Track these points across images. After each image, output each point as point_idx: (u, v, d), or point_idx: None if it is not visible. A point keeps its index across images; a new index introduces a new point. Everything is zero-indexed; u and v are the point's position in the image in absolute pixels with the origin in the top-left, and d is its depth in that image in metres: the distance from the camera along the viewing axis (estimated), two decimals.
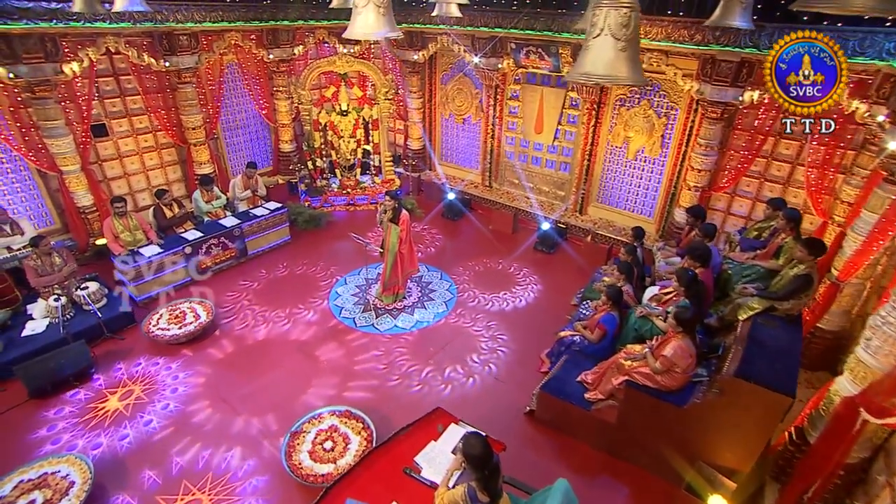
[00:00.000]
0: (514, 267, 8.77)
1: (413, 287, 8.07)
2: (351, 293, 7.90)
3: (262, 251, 8.87)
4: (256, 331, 6.97)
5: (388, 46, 10.98)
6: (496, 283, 8.30)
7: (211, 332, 6.89)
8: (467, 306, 7.66)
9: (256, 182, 9.43)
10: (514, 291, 8.09)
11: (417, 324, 7.24)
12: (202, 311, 6.96)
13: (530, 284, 8.33)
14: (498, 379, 6.27)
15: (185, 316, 6.84)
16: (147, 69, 8.60)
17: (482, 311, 7.57)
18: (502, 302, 7.81)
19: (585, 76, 2.65)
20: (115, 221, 7.52)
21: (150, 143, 9.27)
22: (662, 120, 8.41)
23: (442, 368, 6.39)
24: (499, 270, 8.66)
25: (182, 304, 7.09)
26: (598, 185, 9.69)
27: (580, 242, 9.43)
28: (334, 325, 7.16)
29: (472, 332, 7.10)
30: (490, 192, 11.10)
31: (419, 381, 6.18)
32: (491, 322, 7.31)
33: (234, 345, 6.69)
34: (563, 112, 9.63)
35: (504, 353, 6.71)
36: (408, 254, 7.43)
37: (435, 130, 11.84)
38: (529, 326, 7.24)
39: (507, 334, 7.06)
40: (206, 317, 6.87)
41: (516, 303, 7.80)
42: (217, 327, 6.99)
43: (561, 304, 7.74)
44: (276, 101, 10.77)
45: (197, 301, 7.16)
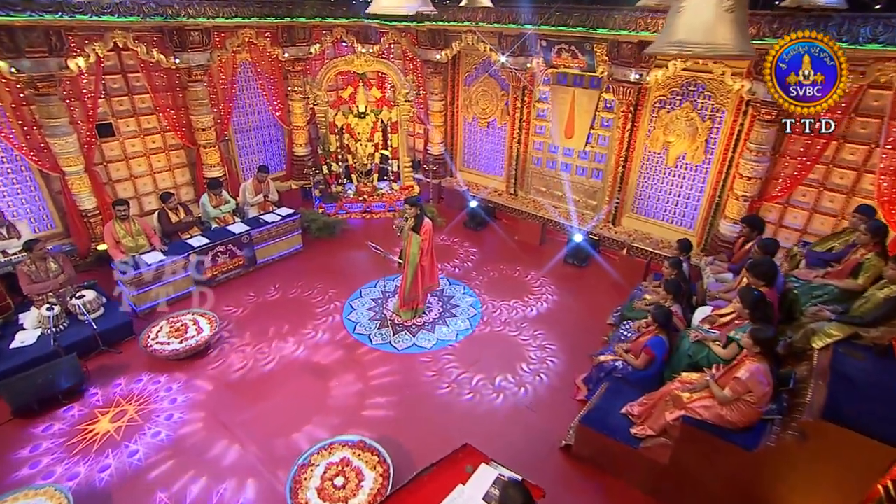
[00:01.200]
0: (542, 281, 8.23)
1: (434, 302, 7.57)
2: (366, 307, 7.43)
3: (272, 260, 8.46)
4: (263, 347, 6.52)
5: (408, 45, 10.60)
6: (524, 298, 7.76)
7: (214, 346, 6.46)
8: (492, 323, 7.14)
9: (268, 187, 9.06)
10: (544, 308, 7.55)
11: (438, 342, 6.73)
12: (205, 324, 6.53)
13: (561, 301, 7.79)
14: (529, 407, 5.72)
15: (187, 329, 6.42)
16: (156, 66, 8.29)
17: (509, 329, 7.03)
18: (531, 319, 7.27)
19: (679, 46, 2.17)
20: (116, 225, 7.16)
21: (158, 144, 8.96)
22: (707, 123, 7.85)
23: (464, 392, 5.86)
24: (526, 285, 8.13)
25: (184, 315, 6.68)
26: (633, 193, 9.14)
27: (615, 256, 8.86)
28: (348, 341, 6.69)
29: (498, 351, 6.57)
30: (515, 200, 10.60)
31: (440, 406, 5.66)
32: (519, 342, 6.77)
33: (238, 362, 6.24)
34: (597, 115, 9.12)
35: (534, 378, 6.16)
36: (429, 267, 6.95)
37: (457, 135, 11.40)
38: (562, 347, 6.68)
39: (538, 353, 6.51)
40: (210, 330, 6.44)
41: (547, 321, 7.25)
42: (221, 342, 6.56)
43: (595, 324, 7.18)
44: (291, 103, 10.42)
45: (200, 313, 6.74)
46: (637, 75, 7.84)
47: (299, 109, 10.50)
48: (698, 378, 4.52)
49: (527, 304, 7.63)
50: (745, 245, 6.24)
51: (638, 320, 6.16)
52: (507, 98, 10.18)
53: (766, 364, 3.95)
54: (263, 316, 7.14)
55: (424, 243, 6.67)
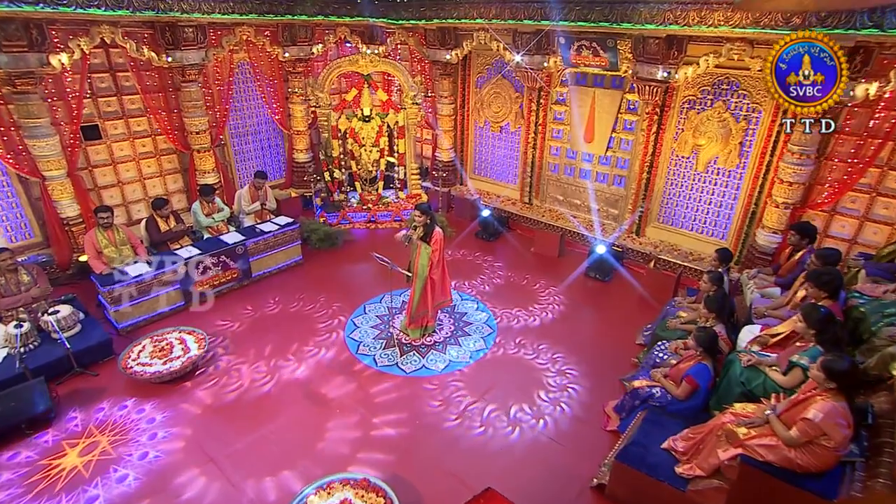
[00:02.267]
0: (563, 297, 7.69)
1: (444, 319, 7.04)
2: (371, 325, 6.91)
3: (269, 272, 7.97)
4: (257, 369, 6.00)
5: (416, 45, 10.19)
6: (543, 315, 7.22)
7: (203, 368, 5.95)
8: (509, 343, 6.60)
9: (266, 194, 8.60)
10: (566, 326, 7.00)
11: (450, 364, 6.18)
12: (193, 344, 6.02)
13: (584, 318, 7.24)
14: (553, 439, 5.16)
15: (172, 348, 5.91)
16: (147, 65, 7.90)
17: (525, 351, 6.48)
18: (552, 339, 6.72)
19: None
20: (98, 234, 6.70)
21: (149, 148, 8.53)
22: (741, 124, 7.34)
23: (479, 421, 5.30)
24: (545, 301, 7.59)
25: (170, 333, 6.17)
26: (659, 202, 8.62)
27: (641, 269, 8.32)
28: (350, 363, 6.16)
29: (516, 374, 6.02)
30: (530, 209, 10.09)
31: (451, 439, 5.10)
32: (539, 363, 6.22)
33: (229, 386, 5.72)
34: (619, 117, 8.63)
35: (556, 406, 5.60)
36: (440, 280, 6.43)
37: (468, 140, 10.94)
38: (586, 371, 6.13)
39: (559, 380, 5.96)
40: (198, 350, 5.93)
41: (569, 340, 6.70)
42: (210, 363, 6.05)
43: (622, 344, 6.63)
44: (291, 106, 10.01)
45: (187, 331, 6.23)
46: (665, 73, 7.37)
47: (300, 113, 10.09)
48: (755, 411, 3.96)
49: (546, 321, 7.08)
50: (795, 255, 5.69)
51: (674, 341, 5.61)
52: (522, 100, 9.73)
53: (843, 402, 3.38)
54: (258, 333, 6.64)
55: (435, 254, 6.16)
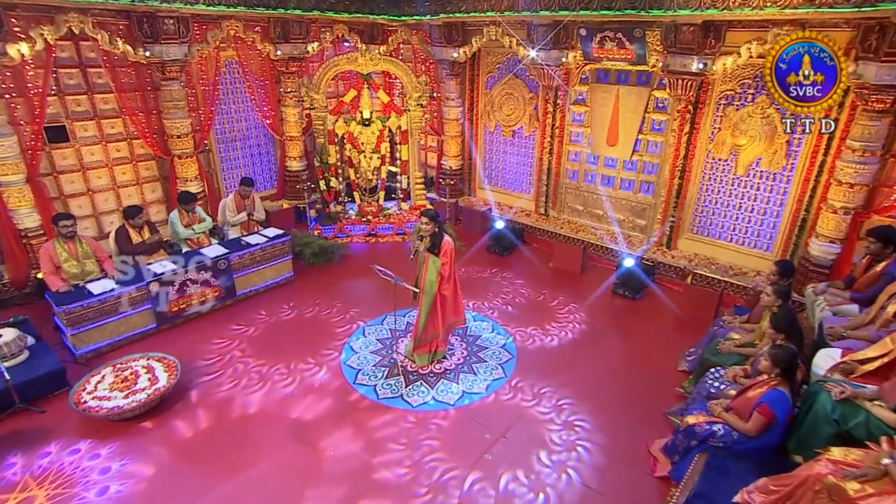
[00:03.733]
0: (589, 318, 6.94)
1: (455, 343, 6.30)
2: (371, 350, 6.16)
3: (255, 291, 7.25)
4: (237, 402, 5.24)
5: (420, 43, 9.62)
6: (569, 337, 6.47)
7: (173, 402, 5.19)
8: (530, 371, 5.84)
9: (253, 203, 7.91)
10: (595, 351, 6.25)
11: (464, 396, 5.42)
12: (162, 373, 5.27)
13: (613, 341, 6.49)
14: (590, 486, 4.38)
15: (138, 378, 5.15)
16: (122, 60, 7.29)
17: (551, 379, 5.72)
18: (579, 366, 5.96)
19: None
20: (57, 246, 5.99)
21: (124, 153, 7.87)
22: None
23: (496, 475, 4.48)
24: (569, 321, 6.84)
25: (136, 361, 5.42)
26: (692, 210, 7.93)
27: (676, 286, 7.59)
28: (346, 393, 5.40)
29: (537, 412, 5.22)
30: (546, 221, 9.40)
31: (461, 497, 4.29)
32: (564, 398, 5.44)
33: (204, 422, 4.96)
34: (646, 117, 7.99)
35: (589, 445, 4.82)
36: (451, 297, 5.70)
37: (477, 146, 10.30)
38: (623, 404, 5.36)
39: (591, 416, 5.18)
40: (168, 380, 5.18)
41: (600, 367, 5.95)
42: (182, 395, 5.29)
43: (663, 371, 5.87)
44: (284, 109, 9.39)
45: (157, 357, 5.49)
46: (700, 65, 6.75)
47: (293, 117, 9.47)
48: (864, 459, 3.19)
49: (571, 344, 6.32)
50: (876, 266, 4.97)
51: (730, 367, 4.87)
52: (537, 101, 9.11)
53: None
54: (241, 359, 5.88)
55: (445, 267, 5.44)
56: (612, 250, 8.43)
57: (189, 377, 5.52)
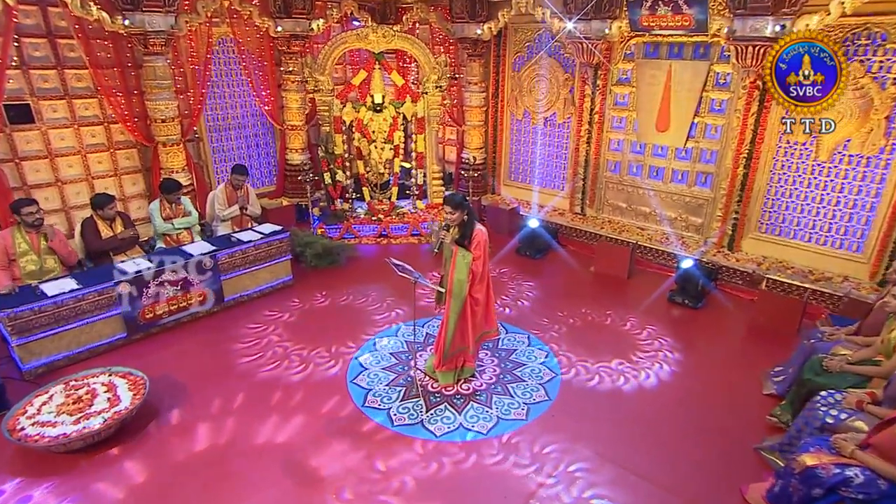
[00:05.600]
0: (645, 329, 6.02)
1: (485, 358, 5.40)
2: (383, 365, 5.28)
3: (247, 296, 6.42)
4: (219, 427, 4.38)
5: (439, 21, 8.86)
6: (627, 356, 5.54)
7: (137, 428, 4.34)
8: (578, 394, 4.92)
9: (247, 195, 7.11)
10: (653, 368, 5.31)
11: (499, 424, 4.51)
12: (125, 392, 4.42)
13: (674, 357, 5.55)
14: None
15: (94, 398, 4.31)
16: (98, 30, 6.58)
17: (603, 403, 4.81)
18: (635, 386, 5.03)
19: None
20: (17, 235, 5.20)
21: (100, 139, 7.14)
22: (890, 91, 5.79)
23: None
24: (626, 336, 5.91)
25: (95, 378, 4.57)
26: (759, 204, 7.02)
27: (744, 294, 6.68)
28: (353, 420, 4.52)
29: (598, 443, 4.32)
30: (584, 221, 8.52)
31: None
32: (623, 424, 4.53)
33: (176, 453, 4.10)
34: (704, 96, 7.12)
35: (660, 483, 3.89)
36: (484, 301, 4.82)
37: (501, 137, 9.49)
38: (696, 431, 4.44)
39: (660, 447, 4.25)
40: (132, 401, 4.32)
41: (663, 387, 5.02)
42: (150, 420, 4.44)
43: (742, 394, 4.94)
44: (285, 94, 8.65)
45: (121, 372, 4.65)
46: (777, 27, 5.90)
47: (296, 103, 8.72)
48: None
49: (633, 365, 5.39)
50: None
51: (849, 391, 3.93)
52: (573, 83, 8.29)
53: None
54: (228, 375, 5.03)
55: (477, 263, 4.56)
56: (665, 253, 7.52)
57: (160, 397, 4.67)
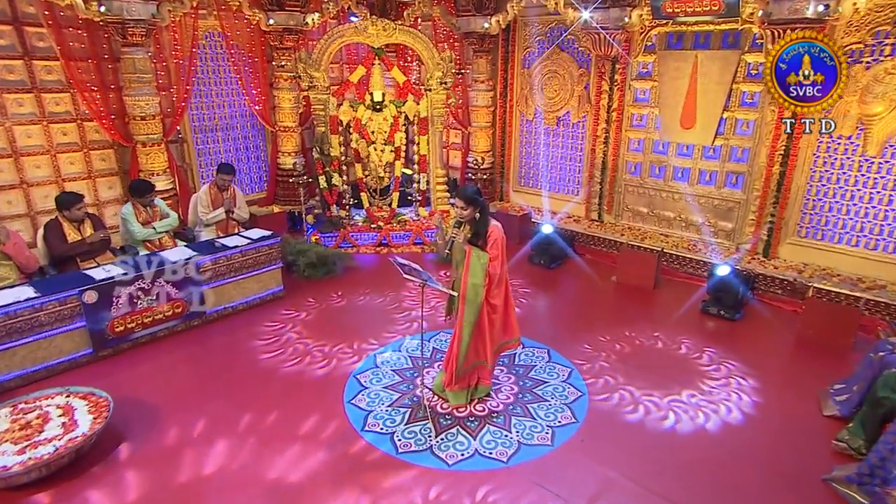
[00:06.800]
0: (682, 345, 5.48)
1: (500, 375, 4.88)
2: (385, 383, 4.75)
3: (232, 308, 5.91)
4: (195, 455, 3.84)
5: (443, 15, 8.49)
6: (656, 372, 5.00)
7: (98, 456, 3.79)
8: (608, 416, 4.39)
9: (234, 197, 6.64)
10: (699, 390, 4.78)
11: (521, 450, 3.97)
12: (85, 415, 3.88)
13: (719, 372, 5.02)
14: None
15: (46, 424, 3.77)
16: (72, 18, 6.18)
17: (638, 428, 4.27)
18: (672, 411, 4.49)
19: None
20: None
21: (72, 138, 6.70)
22: None
23: None
24: (654, 350, 5.39)
25: (50, 399, 4.04)
26: (799, 206, 6.56)
27: (788, 305, 6.19)
28: (350, 445, 3.98)
29: (637, 472, 3.78)
30: (601, 227, 8.04)
31: None
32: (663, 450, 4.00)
33: (140, 488, 3.55)
34: (734, 89, 6.71)
35: None
36: (502, 308, 4.31)
37: (511, 138, 9.07)
38: (751, 457, 3.90)
39: (713, 482, 3.71)
40: (91, 425, 3.79)
41: (697, 411, 4.48)
42: (114, 448, 3.90)
43: (798, 415, 4.43)
44: (277, 92, 8.22)
45: (82, 393, 4.11)
46: (821, 7, 5.50)
47: (288, 103, 8.28)
48: None
49: (665, 387, 4.86)
50: None
51: None
52: (588, 79, 7.90)
53: None
54: (207, 396, 4.50)
55: (494, 264, 4.07)
56: (693, 261, 7.04)
57: (128, 422, 4.13)
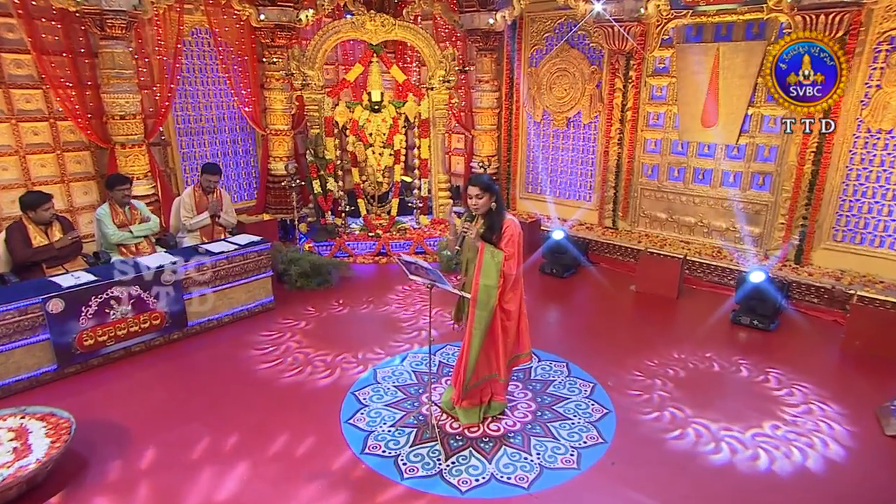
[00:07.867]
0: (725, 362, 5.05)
1: (515, 391, 4.46)
2: (387, 401, 4.33)
3: (216, 320, 5.50)
4: (171, 483, 3.41)
5: (444, 12, 8.22)
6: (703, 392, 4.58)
7: (56, 486, 3.36)
8: (642, 438, 3.96)
9: (220, 200, 6.25)
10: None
11: (544, 475, 3.53)
12: (41, 438, 3.45)
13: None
14: None
15: None
16: (45, 8, 5.88)
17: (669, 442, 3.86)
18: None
19: None
20: None
21: (44, 138, 6.38)
22: None
23: None
24: (695, 368, 4.96)
25: (2, 421, 3.61)
26: (833, 208, 6.21)
27: (827, 314, 5.81)
28: (350, 471, 3.54)
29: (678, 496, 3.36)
30: (616, 235, 7.68)
31: None
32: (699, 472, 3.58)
33: None
34: (760, 83, 6.40)
35: None
36: (517, 315, 3.90)
37: (517, 142, 8.76)
38: (808, 488, 3.48)
39: None
40: (48, 451, 3.35)
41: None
42: (75, 475, 3.46)
43: (852, 433, 4.01)
44: (268, 93, 7.93)
45: (38, 414, 3.68)
46: None
47: (280, 104, 8.00)
48: None
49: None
50: None
51: None
52: (601, 76, 7.61)
53: None
54: (187, 416, 4.08)
55: (509, 263, 3.67)
56: (718, 268, 6.66)
57: (93, 446, 3.71)
